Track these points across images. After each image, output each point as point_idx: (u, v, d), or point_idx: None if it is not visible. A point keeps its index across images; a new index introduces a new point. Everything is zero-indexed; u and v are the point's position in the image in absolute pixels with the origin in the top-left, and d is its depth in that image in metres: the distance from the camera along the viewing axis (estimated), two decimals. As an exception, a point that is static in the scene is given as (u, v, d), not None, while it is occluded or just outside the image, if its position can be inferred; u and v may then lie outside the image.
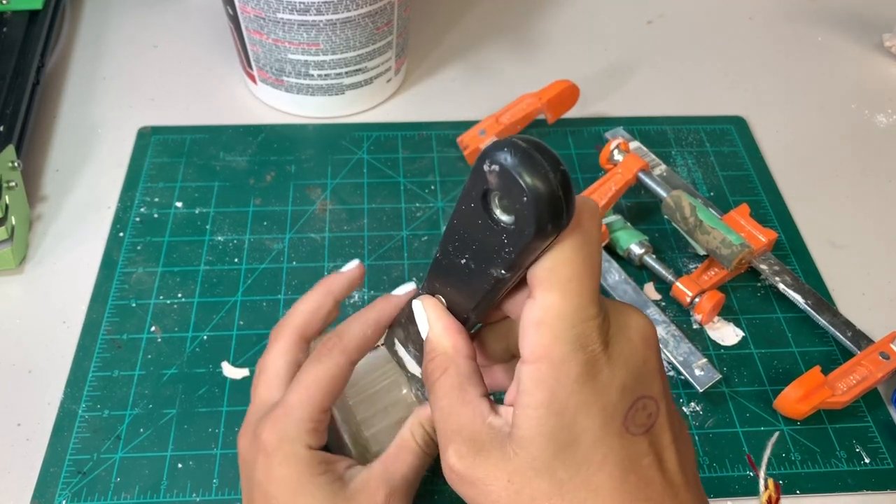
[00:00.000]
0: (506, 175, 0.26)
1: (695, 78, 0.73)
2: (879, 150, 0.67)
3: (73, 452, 0.47)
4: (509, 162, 0.26)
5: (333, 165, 0.63)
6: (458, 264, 0.31)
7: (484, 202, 0.28)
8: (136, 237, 0.58)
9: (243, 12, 0.60)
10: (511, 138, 0.27)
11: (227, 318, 0.53)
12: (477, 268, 0.30)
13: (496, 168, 0.26)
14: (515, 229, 0.27)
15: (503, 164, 0.26)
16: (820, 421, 0.50)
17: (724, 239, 0.53)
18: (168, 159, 0.63)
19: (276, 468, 0.36)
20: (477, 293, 0.31)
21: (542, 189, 0.26)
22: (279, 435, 0.36)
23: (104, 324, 0.53)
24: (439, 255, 0.32)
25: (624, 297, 0.53)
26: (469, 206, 0.28)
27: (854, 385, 0.49)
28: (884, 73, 0.74)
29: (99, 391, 0.50)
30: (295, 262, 0.57)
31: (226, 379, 0.50)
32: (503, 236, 0.28)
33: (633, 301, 0.53)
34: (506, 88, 0.71)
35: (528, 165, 0.26)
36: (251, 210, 0.60)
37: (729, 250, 0.53)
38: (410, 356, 0.38)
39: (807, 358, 0.53)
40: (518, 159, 0.26)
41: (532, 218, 0.26)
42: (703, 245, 0.54)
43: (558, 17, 0.79)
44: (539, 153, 0.26)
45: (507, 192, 0.26)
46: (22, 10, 0.68)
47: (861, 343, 0.52)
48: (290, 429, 0.36)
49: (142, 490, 0.46)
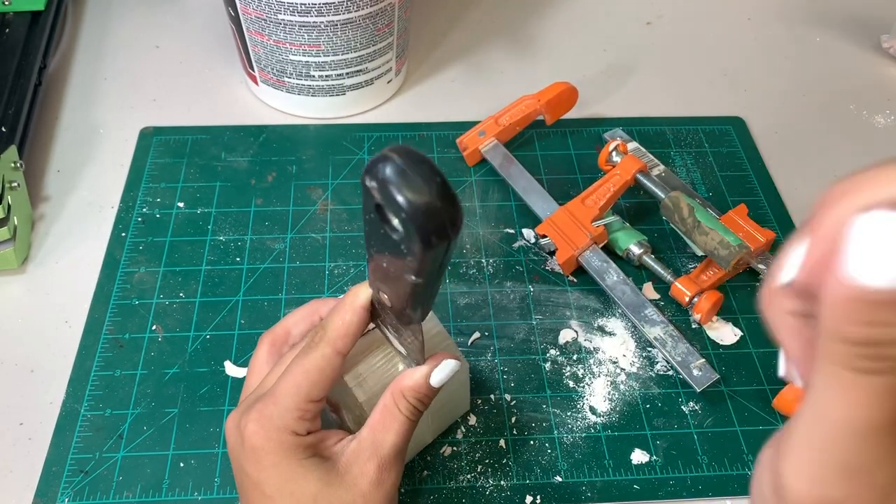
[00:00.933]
0: (385, 190, 0.26)
1: (693, 78, 0.73)
2: (878, 151, 0.68)
3: (76, 451, 0.47)
4: (387, 176, 0.25)
5: (334, 166, 0.64)
6: (382, 266, 0.31)
7: (379, 213, 0.27)
8: (138, 237, 0.58)
9: (245, 13, 0.61)
10: (387, 151, 0.26)
11: (228, 318, 0.54)
12: (395, 271, 0.30)
13: (375, 184, 0.26)
14: (406, 239, 0.27)
15: (381, 179, 0.26)
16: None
17: (721, 240, 0.53)
18: (170, 160, 0.64)
19: (265, 459, 0.37)
20: (403, 295, 0.32)
21: (419, 202, 0.25)
22: (265, 425, 0.37)
23: (106, 323, 0.53)
24: (367, 257, 0.33)
25: (622, 297, 0.53)
26: (369, 215, 0.28)
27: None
28: (882, 75, 0.75)
29: (101, 390, 0.50)
30: (296, 262, 0.57)
31: (227, 378, 0.51)
32: (401, 245, 0.28)
33: (630, 301, 0.53)
34: (505, 89, 0.71)
35: (404, 179, 0.25)
36: (252, 210, 0.60)
37: (727, 251, 0.53)
38: (390, 334, 0.39)
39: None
40: (393, 174, 0.25)
41: (415, 231, 0.26)
42: (701, 246, 0.54)
43: (558, 18, 0.79)
44: (413, 166, 0.25)
45: (390, 205, 0.26)
46: (24, 11, 0.68)
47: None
48: (276, 418, 0.37)
49: (144, 489, 0.46)
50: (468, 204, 0.61)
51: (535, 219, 0.59)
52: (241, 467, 0.38)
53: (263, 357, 0.42)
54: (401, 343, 0.39)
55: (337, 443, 0.39)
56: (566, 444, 0.49)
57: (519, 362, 0.52)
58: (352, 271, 0.57)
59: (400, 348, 0.40)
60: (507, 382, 0.51)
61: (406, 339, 0.38)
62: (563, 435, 0.49)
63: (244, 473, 0.38)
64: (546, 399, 0.51)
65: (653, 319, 0.52)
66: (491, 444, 0.48)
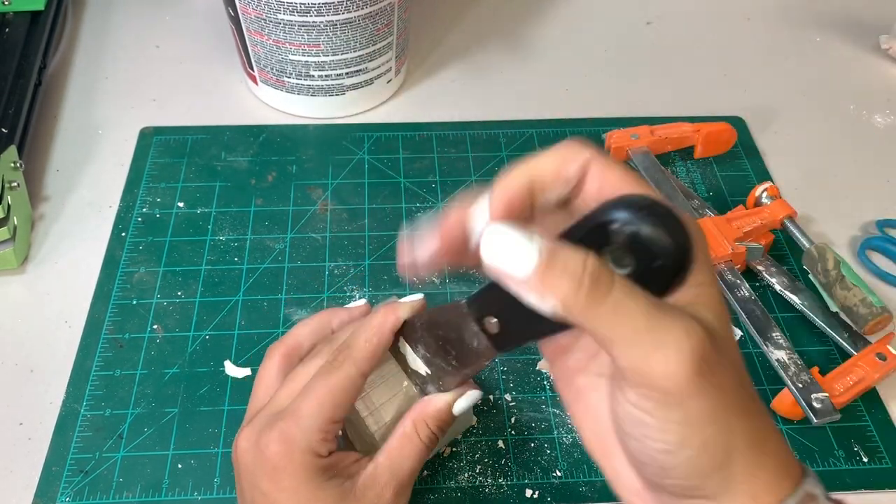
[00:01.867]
0: (640, 237, 0.27)
1: (693, 78, 0.73)
2: (877, 151, 0.68)
3: (76, 451, 0.47)
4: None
5: (334, 166, 0.64)
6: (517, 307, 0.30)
7: (597, 247, 0.28)
8: (137, 237, 0.58)
9: (244, 13, 0.61)
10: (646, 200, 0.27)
11: (228, 318, 0.54)
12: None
13: (631, 228, 0.27)
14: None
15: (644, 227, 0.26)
16: (818, 420, 0.50)
17: (864, 298, 0.52)
18: (170, 159, 0.64)
19: (285, 480, 0.36)
20: (529, 332, 0.32)
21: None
22: (288, 446, 0.36)
23: (106, 323, 0.53)
24: (488, 286, 0.32)
25: (751, 315, 0.53)
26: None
27: (851, 386, 0.49)
28: (881, 75, 0.75)
29: (101, 390, 0.50)
30: (296, 262, 0.57)
31: (227, 378, 0.51)
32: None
33: (758, 321, 0.52)
34: (505, 89, 0.71)
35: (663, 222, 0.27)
36: (252, 210, 0.60)
37: (868, 310, 0.51)
38: (418, 356, 0.38)
39: (805, 358, 0.53)
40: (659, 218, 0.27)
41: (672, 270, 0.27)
42: (840, 300, 0.53)
43: (558, 18, 0.79)
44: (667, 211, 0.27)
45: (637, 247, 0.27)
46: (24, 11, 0.68)
47: (858, 344, 0.52)
48: (300, 440, 0.36)
49: (143, 489, 0.46)
50: (468, 204, 0.61)
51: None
52: (255, 485, 0.37)
53: (274, 370, 0.41)
54: (429, 365, 0.38)
55: (353, 463, 0.38)
56: (566, 444, 0.49)
57: (519, 362, 0.52)
58: (351, 271, 0.57)
59: (423, 369, 0.39)
60: (507, 382, 0.51)
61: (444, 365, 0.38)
62: (563, 435, 0.49)
63: (259, 492, 0.37)
64: (546, 399, 0.51)
65: (779, 343, 0.51)
66: (490, 444, 0.48)
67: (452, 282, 0.56)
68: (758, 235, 0.57)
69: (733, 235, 0.55)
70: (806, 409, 0.48)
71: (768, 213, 0.57)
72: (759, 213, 0.57)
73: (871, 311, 0.51)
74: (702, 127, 0.64)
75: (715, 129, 0.64)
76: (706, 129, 0.64)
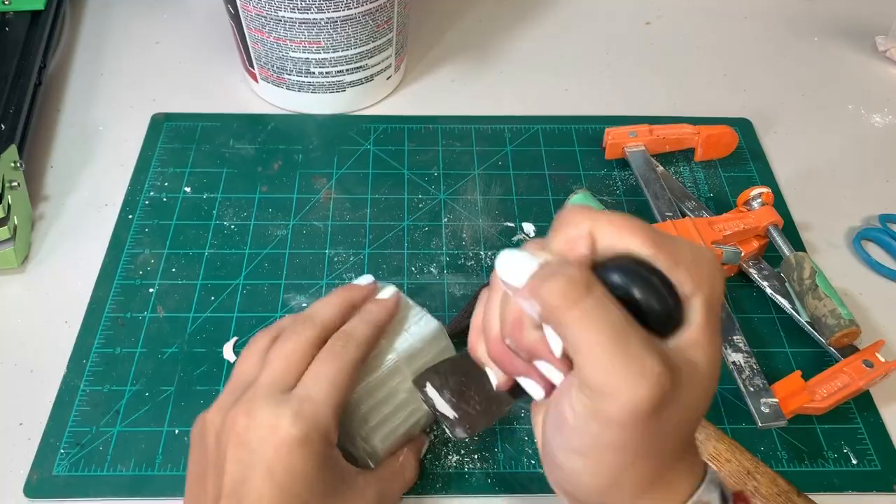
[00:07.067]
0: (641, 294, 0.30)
1: (693, 78, 0.74)
2: (877, 151, 0.67)
3: (73, 425, 0.48)
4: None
5: (340, 156, 0.65)
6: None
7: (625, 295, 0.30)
8: (144, 219, 0.59)
9: (244, 10, 0.61)
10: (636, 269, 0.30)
11: (228, 301, 0.55)
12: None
13: (641, 288, 0.29)
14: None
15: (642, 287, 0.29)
16: (809, 421, 0.50)
17: (834, 309, 0.52)
18: (179, 145, 0.65)
19: (299, 461, 0.36)
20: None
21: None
22: (308, 428, 0.36)
23: (109, 302, 0.54)
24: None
25: None
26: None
27: (835, 392, 0.49)
28: (879, 75, 0.74)
29: (101, 367, 0.51)
30: (297, 249, 0.58)
31: (224, 359, 0.52)
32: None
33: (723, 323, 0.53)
34: (505, 86, 0.72)
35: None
36: (257, 197, 0.61)
37: (836, 322, 0.51)
38: (445, 400, 0.39)
39: (799, 359, 0.53)
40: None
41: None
42: (811, 309, 0.53)
43: (557, 17, 0.80)
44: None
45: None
46: (24, 11, 0.68)
47: (846, 349, 0.52)
48: (322, 423, 0.37)
49: (137, 463, 0.47)
50: (470, 196, 0.62)
51: (536, 213, 0.60)
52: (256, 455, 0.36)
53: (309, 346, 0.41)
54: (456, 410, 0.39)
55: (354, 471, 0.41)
56: (554, 435, 0.49)
57: (512, 353, 0.53)
58: (351, 259, 0.57)
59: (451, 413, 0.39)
60: (499, 373, 0.52)
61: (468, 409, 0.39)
62: (552, 426, 0.49)
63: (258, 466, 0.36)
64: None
65: (738, 346, 0.51)
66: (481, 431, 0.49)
67: (449, 272, 0.57)
68: (744, 239, 0.56)
69: (712, 238, 0.55)
70: (753, 413, 0.48)
71: (753, 219, 0.57)
72: (743, 218, 0.57)
73: (839, 323, 0.51)
74: (702, 129, 0.64)
75: (716, 132, 0.64)
76: (706, 132, 0.64)
